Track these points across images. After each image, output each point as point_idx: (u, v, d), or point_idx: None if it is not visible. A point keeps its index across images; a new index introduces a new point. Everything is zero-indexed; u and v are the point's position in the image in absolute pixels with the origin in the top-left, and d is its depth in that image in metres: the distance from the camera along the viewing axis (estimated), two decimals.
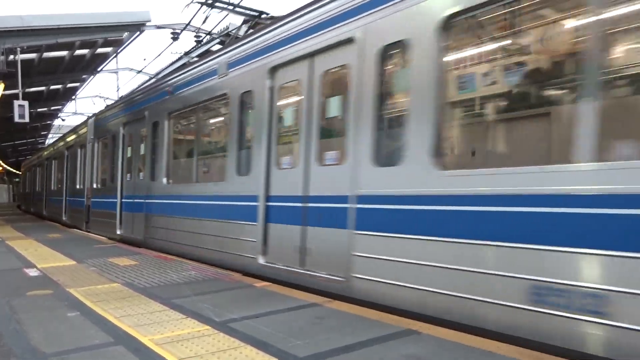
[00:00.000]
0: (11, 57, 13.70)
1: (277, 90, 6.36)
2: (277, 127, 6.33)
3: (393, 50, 4.83)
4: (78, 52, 16.61)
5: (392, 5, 4.71)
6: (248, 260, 6.46)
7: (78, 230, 13.91)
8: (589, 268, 3.22)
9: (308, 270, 5.49)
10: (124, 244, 10.13)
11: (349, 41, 5.20)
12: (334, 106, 5.62)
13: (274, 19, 7.07)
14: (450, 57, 4.58)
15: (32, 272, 6.46)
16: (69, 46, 15.59)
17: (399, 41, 4.65)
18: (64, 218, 17.61)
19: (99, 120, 14.10)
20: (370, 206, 4.81)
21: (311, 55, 5.76)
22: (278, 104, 6.37)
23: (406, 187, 4.45)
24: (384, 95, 4.90)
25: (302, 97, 5.89)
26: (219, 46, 15.01)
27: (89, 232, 13.47)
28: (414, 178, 4.38)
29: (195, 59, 14.92)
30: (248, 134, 6.97)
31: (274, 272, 5.98)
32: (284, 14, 6.59)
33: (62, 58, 16.88)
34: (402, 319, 4.10)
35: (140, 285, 5.60)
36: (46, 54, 15.95)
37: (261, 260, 6.21)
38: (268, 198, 6.26)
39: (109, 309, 4.49)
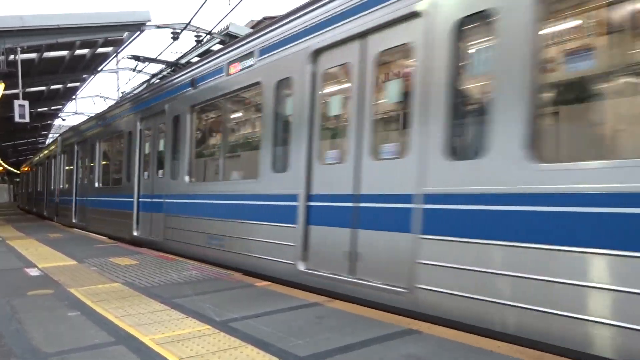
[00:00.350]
0: (11, 56, 13.70)
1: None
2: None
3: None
4: (78, 51, 16.61)
5: None
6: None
7: (79, 230, 13.91)
8: None
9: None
10: (124, 244, 10.14)
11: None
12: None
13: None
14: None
15: (33, 272, 6.47)
16: (69, 46, 15.58)
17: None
18: (44, 212, 22.11)
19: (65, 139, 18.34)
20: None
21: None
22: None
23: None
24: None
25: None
26: (219, 46, 15.01)
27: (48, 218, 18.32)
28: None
29: (196, 58, 14.93)
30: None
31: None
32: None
33: (62, 58, 16.88)
34: (403, 319, 4.10)
35: (141, 285, 5.61)
36: (46, 54, 15.94)
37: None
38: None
39: (109, 308, 4.49)
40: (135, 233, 10.60)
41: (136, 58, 12.94)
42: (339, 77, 5.74)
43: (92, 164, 14.44)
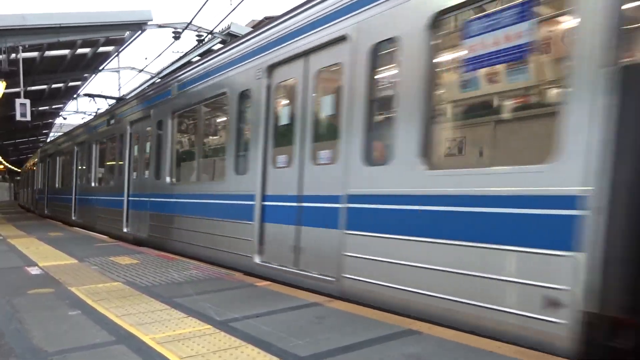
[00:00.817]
0: (13, 55, 13.72)
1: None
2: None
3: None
4: (80, 50, 16.62)
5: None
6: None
7: (79, 229, 13.93)
8: None
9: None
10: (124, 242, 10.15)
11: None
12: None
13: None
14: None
15: (34, 271, 6.48)
16: (71, 45, 15.60)
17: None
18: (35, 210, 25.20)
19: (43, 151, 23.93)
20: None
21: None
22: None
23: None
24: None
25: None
26: (220, 45, 15.02)
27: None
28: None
29: (197, 57, 14.93)
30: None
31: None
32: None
33: (63, 57, 16.90)
34: (403, 319, 4.10)
35: (142, 284, 5.61)
36: (48, 53, 15.97)
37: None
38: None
39: (110, 307, 4.50)
40: (125, 230, 11.23)
41: (89, 95, 18.19)
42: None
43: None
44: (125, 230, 11.33)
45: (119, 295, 5.01)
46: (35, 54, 15.72)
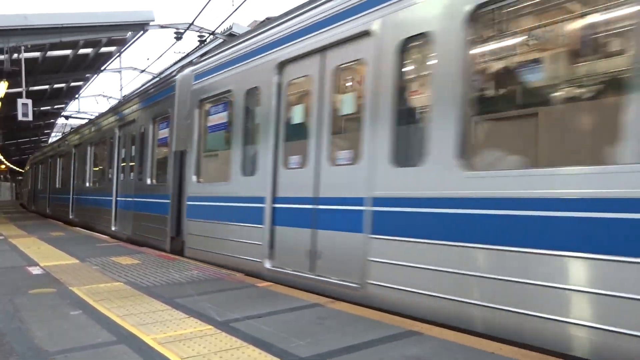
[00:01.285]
0: (15, 55, 13.74)
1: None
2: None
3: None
4: (82, 51, 16.65)
5: None
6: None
7: (81, 229, 13.95)
8: None
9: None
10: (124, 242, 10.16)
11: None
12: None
13: None
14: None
15: (35, 270, 6.48)
16: (73, 45, 15.62)
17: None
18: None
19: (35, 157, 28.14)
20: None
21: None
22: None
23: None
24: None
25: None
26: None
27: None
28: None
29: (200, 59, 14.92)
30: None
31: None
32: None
33: (65, 57, 16.92)
34: (405, 320, 4.10)
35: (143, 284, 5.61)
36: (50, 53, 15.99)
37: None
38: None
39: (111, 307, 4.50)
40: (113, 228, 11.79)
41: (66, 117, 24.08)
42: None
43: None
44: (113, 228, 11.97)
45: (120, 296, 5.02)
46: (37, 54, 15.74)
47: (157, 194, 9.22)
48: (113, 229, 11.92)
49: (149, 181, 9.88)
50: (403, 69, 4.65)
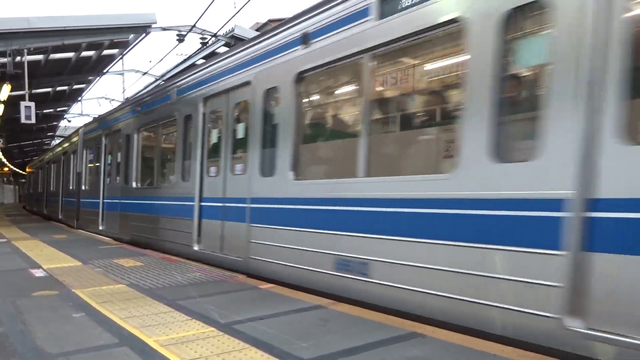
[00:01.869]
0: (18, 58, 13.78)
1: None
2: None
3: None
4: (84, 53, 16.67)
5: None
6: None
7: (83, 231, 13.97)
8: None
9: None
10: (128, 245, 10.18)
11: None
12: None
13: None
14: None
15: (38, 273, 6.50)
16: (75, 48, 15.65)
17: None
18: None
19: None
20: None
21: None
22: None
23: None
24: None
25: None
26: (224, 48, 15.06)
27: None
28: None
29: (202, 60, 14.98)
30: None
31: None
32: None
33: (68, 59, 16.95)
34: (407, 322, 4.10)
35: (146, 287, 5.62)
36: (53, 56, 16.01)
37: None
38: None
39: (114, 310, 4.51)
40: (100, 228, 13.02)
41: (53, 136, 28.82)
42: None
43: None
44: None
45: (123, 298, 5.02)
46: (40, 56, 15.76)
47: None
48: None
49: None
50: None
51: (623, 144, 3.09)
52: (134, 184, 10.96)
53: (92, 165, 14.89)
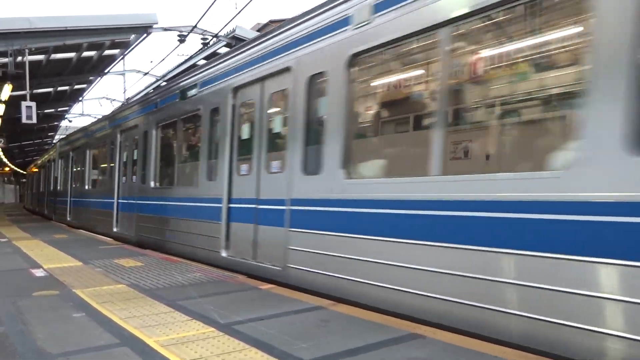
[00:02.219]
0: (19, 58, 13.78)
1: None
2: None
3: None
4: (85, 54, 16.66)
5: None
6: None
7: (84, 232, 13.97)
8: None
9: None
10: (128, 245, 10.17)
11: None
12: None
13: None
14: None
15: (38, 273, 6.49)
16: (76, 48, 15.65)
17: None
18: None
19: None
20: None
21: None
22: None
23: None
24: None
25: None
26: (225, 48, 15.06)
27: None
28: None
29: (203, 61, 14.98)
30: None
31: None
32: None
33: (69, 60, 16.95)
34: (407, 323, 4.09)
35: (146, 287, 5.62)
36: (54, 56, 16.01)
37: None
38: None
39: (114, 310, 4.50)
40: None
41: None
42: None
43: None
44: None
45: (123, 298, 5.02)
46: (41, 56, 15.77)
47: None
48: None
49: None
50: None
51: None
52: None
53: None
